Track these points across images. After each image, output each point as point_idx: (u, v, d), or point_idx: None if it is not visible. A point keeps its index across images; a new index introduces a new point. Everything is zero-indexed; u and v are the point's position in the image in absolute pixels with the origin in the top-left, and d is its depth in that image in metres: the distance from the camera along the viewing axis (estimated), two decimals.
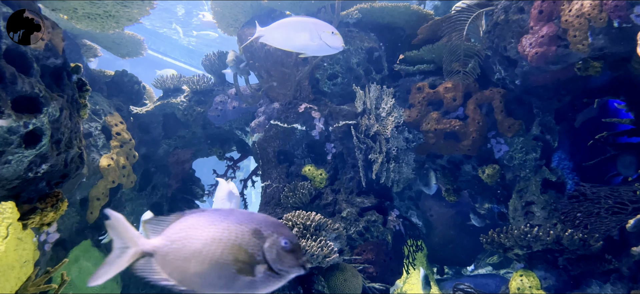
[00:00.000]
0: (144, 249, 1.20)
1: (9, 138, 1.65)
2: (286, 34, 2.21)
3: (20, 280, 1.84)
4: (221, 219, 1.17)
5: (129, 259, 1.19)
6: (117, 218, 1.20)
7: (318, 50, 2.22)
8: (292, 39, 2.19)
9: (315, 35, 2.16)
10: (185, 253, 1.16)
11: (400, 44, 4.12)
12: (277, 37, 2.24)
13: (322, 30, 2.16)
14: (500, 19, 3.12)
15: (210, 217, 1.19)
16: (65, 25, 3.71)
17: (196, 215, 1.21)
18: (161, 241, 1.20)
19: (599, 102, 3.56)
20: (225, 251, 1.13)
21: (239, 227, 1.15)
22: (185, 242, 1.17)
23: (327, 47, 2.19)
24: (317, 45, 2.18)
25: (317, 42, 2.16)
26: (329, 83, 4.00)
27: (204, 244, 1.14)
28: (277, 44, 2.27)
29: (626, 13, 2.40)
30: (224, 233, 1.15)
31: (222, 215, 1.19)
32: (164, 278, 1.17)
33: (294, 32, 2.19)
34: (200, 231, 1.16)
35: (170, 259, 1.17)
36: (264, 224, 1.17)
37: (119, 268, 1.18)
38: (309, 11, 3.99)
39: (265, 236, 1.15)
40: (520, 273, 3.14)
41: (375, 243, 3.50)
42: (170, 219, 1.23)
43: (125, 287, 4.06)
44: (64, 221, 3.40)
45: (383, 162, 3.58)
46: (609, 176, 3.43)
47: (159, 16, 13.55)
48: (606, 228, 2.91)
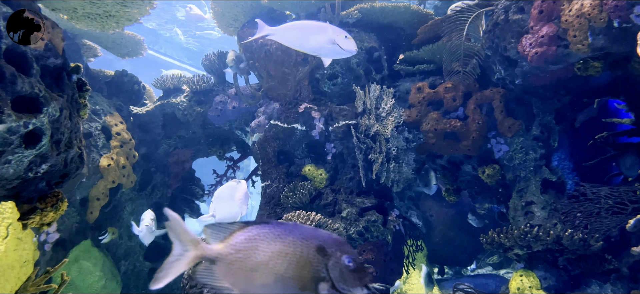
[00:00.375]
0: (207, 254, 1.18)
1: (9, 138, 1.65)
2: (300, 36, 2.24)
3: (20, 280, 1.84)
4: (286, 233, 1.17)
5: (189, 262, 1.18)
6: (176, 219, 1.18)
7: (331, 53, 2.25)
8: (306, 41, 2.23)
9: (330, 39, 2.19)
10: (251, 264, 1.15)
11: (400, 44, 4.12)
12: (290, 38, 2.26)
13: (336, 34, 2.21)
14: (500, 19, 3.12)
15: (275, 230, 1.18)
16: (65, 25, 3.71)
17: (261, 226, 1.20)
18: (225, 248, 1.18)
19: (599, 102, 3.57)
20: (290, 266, 1.13)
21: (304, 243, 1.15)
22: (250, 253, 1.15)
23: (341, 51, 2.22)
24: (331, 48, 2.20)
25: (331, 45, 2.20)
26: (329, 83, 4.00)
27: (270, 257, 1.14)
28: (290, 44, 2.29)
29: (626, 13, 2.40)
30: (290, 247, 1.14)
31: (287, 229, 1.18)
32: (226, 286, 1.16)
33: (309, 35, 2.22)
34: (265, 244, 1.16)
35: (235, 269, 1.16)
36: (328, 241, 1.16)
37: (178, 270, 1.18)
38: (309, 11, 3.99)
39: (329, 254, 1.14)
40: (520, 273, 3.14)
41: (375, 243, 3.50)
42: (233, 227, 1.21)
43: (125, 287, 4.06)
44: (64, 221, 3.40)
45: (383, 162, 3.58)
46: (609, 176, 3.43)
47: (158, 15, 13.55)
48: (606, 228, 2.91)
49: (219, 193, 2.58)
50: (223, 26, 4.39)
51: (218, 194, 2.58)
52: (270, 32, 2.29)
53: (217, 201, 2.56)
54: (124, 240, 4.14)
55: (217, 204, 2.56)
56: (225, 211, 2.55)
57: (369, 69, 4.00)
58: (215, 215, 2.56)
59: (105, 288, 3.67)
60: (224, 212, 2.55)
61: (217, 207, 2.55)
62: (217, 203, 2.56)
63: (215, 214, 2.56)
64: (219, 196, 2.57)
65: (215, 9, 4.15)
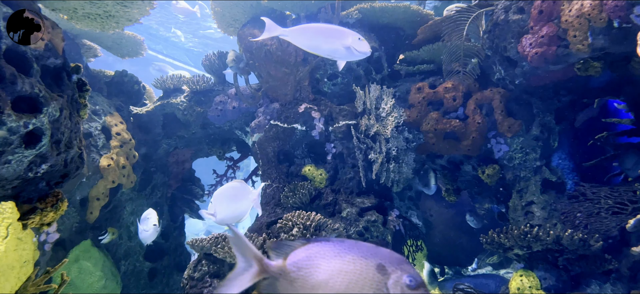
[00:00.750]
0: (270, 271, 1.21)
1: (9, 138, 1.65)
2: (314, 38, 2.26)
3: (20, 280, 1.84)
4: (347, 251, 1.18)
5: (252, 278, 1.20)
6: (239, 236, 1.21)
7: (346, 56, 2.27)
8: (321, 44, 2.25)
9: (345, 41, 2.22)
10: (312, 282, 1.16)
11: (400, 44, 4.12)
12: (304, 40, 2.29)
13: (349, 36, 2.23)
14: (500, 19, 3.12)
15: (335, 248, 1.20)
16: (65, 26, 3.71)
17: (321, 243, 1.22)
18: (287, 266, 1.21)
19: (599, 102, 3.57)
20: (350, 285, 1.14)
21: (364, 261, 1.16)
22: (311, 270, 1.17)
23: (355, 53, 2.24)
24: (345, 51, 2.23)
25: (346, 47, 2.22)
26: (329, 83, 4.01)
27: (331, 275, 1.15)
28: (304, 46, 2.31)
29: (626, 13, 2.40)
30: (350, 265, 1.15)
31: (347, 247, 1.19)
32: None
33: (323, 38, 2.25)
34: (326, 261, 1.17)
35: (297, 286, 1.18)
36: (389, 259, 1.17)
37: (242, 285, 1.19)
38: (309, 11, 3.99)
39: (389, 272, 1.15)
40: (520, 273, 3.14)
41: (375, 243, 3.50)
42: (295, 245, 1.24)
43: (125, 287, 4.06)
44: (64, 221, 3.40)
45: (383, 162, 3.58)
46: (609, 176, 3.43)
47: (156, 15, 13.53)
48: (606, 228, 2.91)
49: (222, 194, 2.55)
50: (223, 26, 4.39)
51: (221, 194, 2.55)
52: (283, 33, 2.31)
53: (220, 201, 2.54)
54: (124, 240, 4.14)
55: (219, 205, 2.53)
56: (228, 211, 2.52)
57: (369, 69, 4.00)
58: (216, 215, 2.53)
59: (105, 288, 3.67)
60: (226, 213, 2.52)
61: (219, 209, 2.52)
62: (219, 204, 2.54)
63: (216, 214, 2.53)
64: (221, 196, 2.54)
65: (215, 9, 4.15)
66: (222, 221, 2.55)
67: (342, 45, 2.22)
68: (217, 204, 2.53)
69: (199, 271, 2.80)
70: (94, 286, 3.60)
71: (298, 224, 2.92)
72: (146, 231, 3.34)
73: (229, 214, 2.53)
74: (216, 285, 2.71)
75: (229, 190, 2.55)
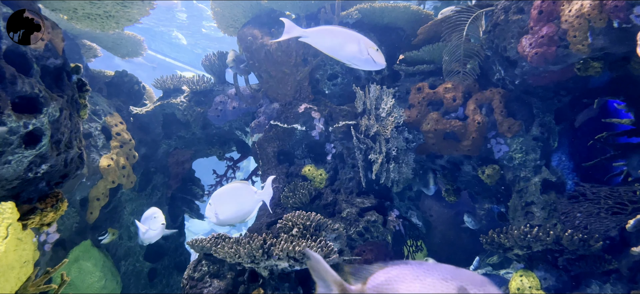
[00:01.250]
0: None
1: (9, 138, 1.65)
2: (335, 42, 2.32)
3: (20, 280, 1.84)
4: (426, 274, 1.18)
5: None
6: (318, 260, 1.22)
7: (364, 64, 2.32)
8: (341, 48, 2.31)
9: (364, 50, 2.28)
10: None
11: (400, 44, 4.12)
12: (324, 43, 2.35)
13: (368, 46, 2.29)
14: (500, 19, 3.12)
15: (415, 270, 1.19)
16: (65, 26, 3.71)
17: (400, 267, 1.22)
18: (367, 289, 1.21)
19: (599, 102, 3.56)
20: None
21: (445, 284, 1.15)
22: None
23: (373, 63, 2.30)
24: (364, 59, 2.29)
25: (365, 56, 2.28)
26: (329, 83, 4.01)
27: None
28: (322, 47, 2.37)
29: (626, 13, 2.40)
30: (430, 288, 1.15)
31: (426, 270, 1.19)
32: None
33: (344, 42, 2.30)
34: (405, 285, 1.17)
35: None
36: (470, 281, 1.16)
37: None
38: (309, 11, 3.99)
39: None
40: (520, 273, 3.14)
41: (375, 243, 3.50)
42: (373, 268, 1.24)
43: (125, 287, 4.06)
44: (64, 221, 3.40)
45: (383, 162, 3.58)
46: (609, 176, 3.43)
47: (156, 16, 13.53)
48: (606, 228, 2.91)
49: (223, 195, 2.53)
50: (223, 26, 4.39)
51: (221, 196, 2.53)
52: (302, 34, 2.34)
53: (221, 203, 2.51)
54: (124, 240, 4.14)
55: (221, 206, 2.51)
56: (230, 212, 2.51)
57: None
58: (217, 216, 2.52)
59: (105, 288, 3.67)
60: (228, 214, 2.51)
61: (221, 210, 2.51)
62: (221, 205, 2.51)
63: (217, 215, 2.52)
64: (222, 198, 2.52)
65: (215, 9, 4.15)
66: (224, 222, 2.54)
67: (360, 53, 2.28)
68: (218, 206, 2.52)
69: (199, 271, 2.80)
70: (94, 286, 3.60)
71: (298, 225, 2.92)
72: (153, 231, 3.28)
73: (231, 216, 2.52)
74: (216, 285, 2.71)
75: (230, 191, 2.54)
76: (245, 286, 2.68)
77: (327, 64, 3.98)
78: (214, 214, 2.51)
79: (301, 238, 2.84)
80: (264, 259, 2.51)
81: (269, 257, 2.51)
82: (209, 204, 2.54)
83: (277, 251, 2.48)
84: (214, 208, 2.51)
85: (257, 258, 2.51)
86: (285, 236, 2.64)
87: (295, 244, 2.50)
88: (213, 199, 2.54)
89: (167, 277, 4.55)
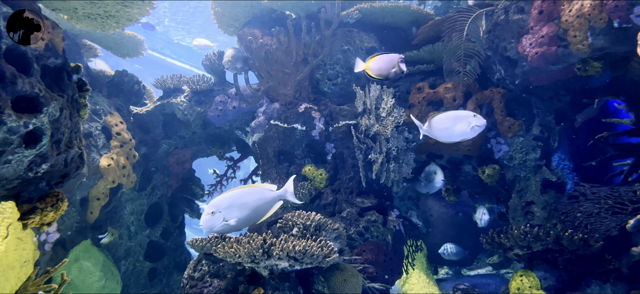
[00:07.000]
0: None
1: (9, 138, 1.65)
2: (448, 129, 2.76)
3: (20, 280, 1.84)
4: None
5: None
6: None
7: (471, 133, 2.73)
8: (453, 132, 2.76)
9: (467, 123, 2.70)
10: None
11: (400, 43, 4.12)
12: (440, 134, 2.79)
13: (470, 117, 2.71)
14: (501, 19, 3.12)
15: None
16: (66, 25, 3.71)
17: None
18: None
19: (599, 102, 3.57)
20: None
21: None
22: None
23: (478, 128, 2.70)
24: (471, 130, 2.71)
25: (472, 127, 2.70)
26: (329, 83, 4.00)
27: None
28: (441, 138, 2.81)
29: (626, 13, 2.40)
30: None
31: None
32: None
33: (453, 126, 2.75)
34: None
35: None
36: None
37: None
38: (309, 11, 3.99)
39: None
40: (520, 273, 3.14)
41: (375, 243, 3.50)
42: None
43: (125, 287, 4.06)
44: (64, 221, 3.40)
45: (383, 162, 3.58)
46: (609, 176, 3.43)
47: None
48: (606, 228, 2.91)
49: (232, 202, 2.32)
50: (223, 26, 4.39)
51: (229, 203, 2.29)
52: (425, 132, 2.82)
53: (230, 210, 2.31)
54: (124, 240, 4.14)
55: (229, 213, 2.30)
56: (243, 218, 2.32)
57: None
58: (229, 223, 2.31)
59: (105, 288, 3.67)
60: (236, 215, 2.31)
61: (229, 215, 2.29)
62: (230, 212, 2.30)
63: (228, 221, 2.31)
64: (231, 204, 2.32)
65: (215, 9, 4.15)
66: (235, 228, 2.35)
67: (469, 126, 2.70)
68: (227, 213, 2.30)
69: (199, 271, 2.80)
70: (94, 286, 3.60)
71: (298, 224, 2.92)
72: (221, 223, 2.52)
73: (244, 222, 2.35)
74: (216, 285, 2.71)
75: (238, 198, 2.33)
76: (245, 285, 2.68)
77: (327, 64, 3.98)
78: (222, 222, 2.29)
79: (301, 237, 2.84)
80: (264, 259, 2.51)
81: (269, 257, 2.51)
82: (212, 213, 2.29)
83: (277, 250, 2.48)
84: (222, 216, 2.29)
85: (257, 258, 2.51)
86: (285, 236, 2.64)
87: (296, 244, 2.50)
88: (217, 206, 2.30)
89: (167, 277, 4.55)
